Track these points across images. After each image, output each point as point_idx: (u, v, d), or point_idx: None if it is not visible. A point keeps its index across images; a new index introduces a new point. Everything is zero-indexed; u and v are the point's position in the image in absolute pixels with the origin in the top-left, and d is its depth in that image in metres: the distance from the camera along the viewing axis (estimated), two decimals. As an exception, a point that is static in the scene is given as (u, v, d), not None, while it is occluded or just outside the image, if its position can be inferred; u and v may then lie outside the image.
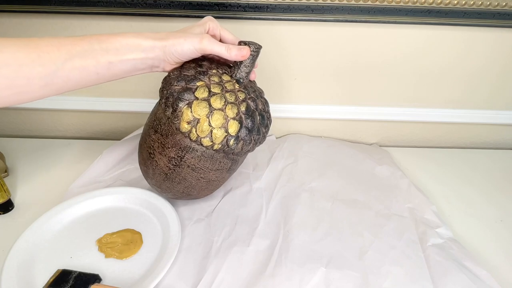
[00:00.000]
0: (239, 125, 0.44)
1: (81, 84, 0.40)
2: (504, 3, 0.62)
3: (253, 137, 0.46)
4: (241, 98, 0.45)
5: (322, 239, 0.53)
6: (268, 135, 0.63)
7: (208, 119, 0.42)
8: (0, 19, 0.63)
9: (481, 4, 0.62)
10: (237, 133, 0.44)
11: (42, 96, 0.38)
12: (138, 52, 0.40)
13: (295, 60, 0.70)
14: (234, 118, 0.43)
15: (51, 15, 0.62)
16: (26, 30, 0.64)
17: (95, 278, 0.44)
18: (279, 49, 0.68)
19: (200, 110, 0.42)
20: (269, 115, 0.50)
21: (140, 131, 0.69)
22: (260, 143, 0.49)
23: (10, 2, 0.60)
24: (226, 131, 0.43)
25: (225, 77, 0.46)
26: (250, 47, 0.44)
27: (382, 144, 0.82)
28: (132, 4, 0.60)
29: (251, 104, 0.46)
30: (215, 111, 0.42)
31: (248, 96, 0.46)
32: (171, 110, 0.43)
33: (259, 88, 0.52)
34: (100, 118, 0.78)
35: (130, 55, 0.40)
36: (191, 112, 0.42)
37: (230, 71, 0.47)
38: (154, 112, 0.48)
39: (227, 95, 0.44)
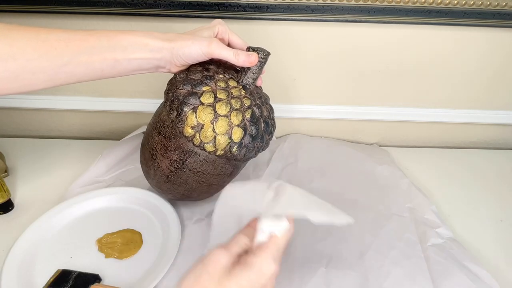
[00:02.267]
0: (243, 132, 0.44)
1: (85, 79, 0.40)
2: (504, 3, 0.62)
3: (257, 144, 0.46)
4: (246, 105, 0.44)
5: (322, 239, 0.53)
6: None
7: (213, 125, 0.42)
8: (0, 19, 0.63)
9: (481, 4, 0.61)
10: (241, 140, 0.44)
11: (44, 88, 0.38)
12: (145, 52, 0.40)
13: (295, 60, 0.70)
14: (238, 125, 0.43)
15: (51, 15, 0.62)
16: (26, 30, 0.64)
17: (95, 278, 0.44)
18: (279, 49, 0.67)
19: (204, 115, 0.42)
20: (274, 122, 0.50)
21: (139, 131, 0.69)
22: (263, 149, 0.49)
23: (10, 2, 0.60)
24: (230, 137, 0.43)
25: (232, 83, 0.45)
26: (258, 53, 0.44)
27: (382, 144, 0.82)
28: (132, 4, 0.60)
29: (256, 111, 0.45)
30: (219, 117, 0.42)
31: (254, 103, 0.45)
32: (175, 113, 0.43)
33: (265, 94, 0.51)
34: (100, 118, 0.78)
35: (137, 55, 0.40)
36: (196, 117, 0.42)
37: (237, 76, 0.47)
38: (158, 114, 0.48)
39: (233, 101, 0.43)
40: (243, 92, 0.45)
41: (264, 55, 0.44)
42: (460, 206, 0.64)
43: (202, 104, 0.42)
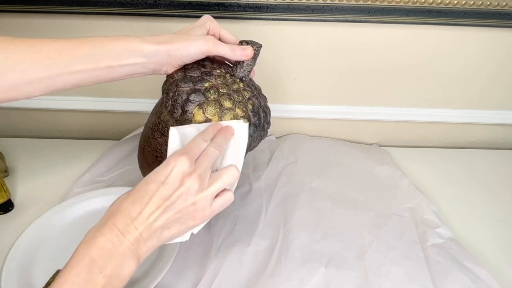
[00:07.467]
0: (248, 123, 0.44)
1: (81, 85, 0.41)
2: (504, 3, 0.61)
3: (260, 133, 0.47)
4: (247, 97, 0.46)
5: (322, 239, 0.53)
6: (268, 135, 0.63)
7: (220, 119, 0.43)
8: (0, 19, 0.63)
9: (481, 4, 0.61)
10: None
11: (41, 95, 0.39)
12: (139, 57, 0.41)
13: (295, 60, 0.70)
14: (243, 117, 0.44)
15: (51, 15, 0.62)
16: (26, 30, 0.64)
17: (95, 278, 0.44)
18: (279, 49, 0.68)
19: (211, 110, 0.42)
20: (269, 110, 0.51)
21: (139, 131, 0.68)
22: (263, 138, 0.50)
23: (10, 2, 0.60)
24: None
25: (229, 77, 0.46)
26: (252, 46, 0.45)
27: (382, 144, 0.82)
28: (132, 4, 0.60)
29: (256, 101, 0.46)
30: (226, 111, 0.43)
31: (252, 94, 0.47)
32: (180, 112, 0.43)
33: (257, 85, 0.52)
34: (100, 118, 0.78)
35: (131, 60, 0.40)
36: (203, 112, 0.42)
37: (232, 70, 0.48)
38: (157, 115, 0.48)
39: (235, 94, 0.44)
40: (241, 85, 0.46)
41: (258, 47, 0.46)
42: (460, 206, 0.64)
43: (208, 99, 0.43)
